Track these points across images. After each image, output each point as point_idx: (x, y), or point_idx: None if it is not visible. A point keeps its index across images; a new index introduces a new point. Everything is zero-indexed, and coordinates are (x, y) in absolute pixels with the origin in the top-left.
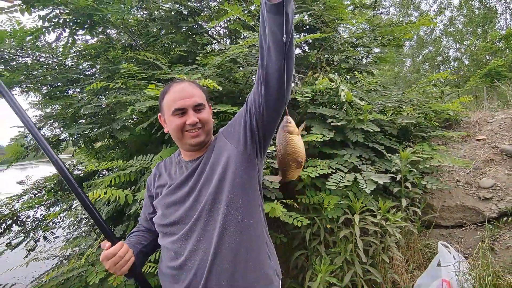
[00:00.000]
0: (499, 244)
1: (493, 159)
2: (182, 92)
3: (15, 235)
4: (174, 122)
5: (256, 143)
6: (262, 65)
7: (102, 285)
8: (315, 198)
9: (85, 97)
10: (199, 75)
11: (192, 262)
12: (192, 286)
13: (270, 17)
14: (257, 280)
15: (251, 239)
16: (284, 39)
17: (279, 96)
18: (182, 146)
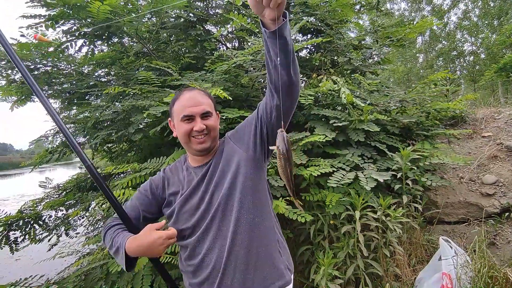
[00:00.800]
0: (500, 239)
1: (498, 155)
2: (191, 100)
3: (39, 232)
4: (182, 127)
5: (264, 148)
6: (271, 81)
7: (121, 275)
8: (319, 196)
9: (103, 104)
10: (209, 84)
11: (209, 259)
12: (210, 280)
13: (270, 41)
14: (268, 274)
15: (262, 236)
16: (279, 61)
17: (289, 106)
18: (189, 151)
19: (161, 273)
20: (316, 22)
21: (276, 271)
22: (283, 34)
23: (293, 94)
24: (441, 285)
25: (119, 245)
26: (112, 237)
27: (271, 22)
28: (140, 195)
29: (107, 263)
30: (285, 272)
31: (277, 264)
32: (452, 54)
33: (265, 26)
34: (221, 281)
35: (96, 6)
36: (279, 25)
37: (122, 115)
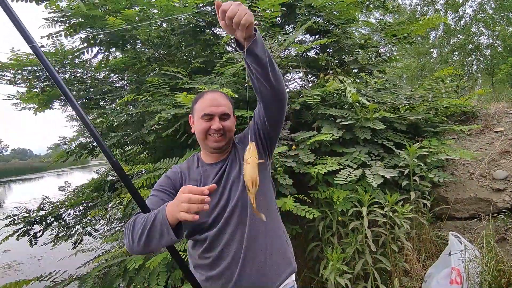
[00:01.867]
0: (511, 233)
1: (510, 150)
2: (213, 101)
3: (58, 230)
4: (201, 125)
5: (265, 149)
6: (256, 90)
7: (138, 272)
8: (326, 193)
9: (117, 108)
10: (217, 85)
11: (228, 250)
12: (230, 270)
13: (246, 57)
14: (281, 262)
15: (274, 228)
16: (254, 77)
17: (277, 111)
18: (205, 148)
19: (181, 268)
20: (323, 22)
21: (286, 260)
22: (254, 51)
23: (279, 100)
24: (450, 280)
25: (158, 211)
26: (145, 218)
27: (243, 41)
28: (159, 192)
29: (125, 260)
30: (292, 260)
31: (286, 253)
32: (467, 47)
33: (239, 44)
34: (241, 271)
35: (112, 20)
36: (248, 45)
37: (136, 118)
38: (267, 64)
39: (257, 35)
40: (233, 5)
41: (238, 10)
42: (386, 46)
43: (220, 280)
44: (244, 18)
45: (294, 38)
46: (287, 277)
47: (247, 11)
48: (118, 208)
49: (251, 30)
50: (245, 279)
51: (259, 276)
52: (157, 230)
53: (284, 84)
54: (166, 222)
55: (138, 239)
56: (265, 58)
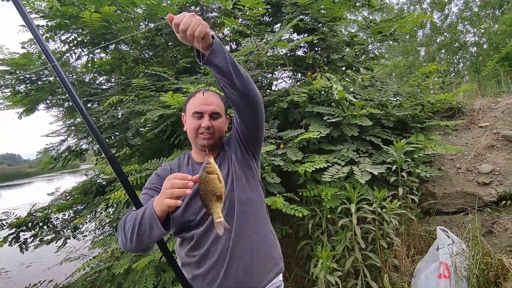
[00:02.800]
0: (498, 227)
1: (494, 145)
2: (204, 99)
3: (46, 234)
4: (191, 122)
5: (248, 151)
6: (226, 96)
7: (127, 276)
8: (315, 191)
9: (103, 109)
10: (204, 84)
11: (215, 248)
12: (216, 269)
13: (209, 67)
14: (268, 262)
15: (260, 227)
16: (221, 84)
17: (251, 114)
18: (195, 145)
19: (174, 271)
20: (310, 21)
21: (273, 259)
22: (213, 62)
23: (250, 105)
24: (438, 274)
25: (146, 207)
26: (134, 215)
27: (203, 50)
28: (149, 190)
29: (112, 265)
30: (279, 261)
31: (273, 253)
32: (454, 45)
33: (200, 55)
34: (227, 270)
35: (87, 15)
36: (206, 57)
37: (122, 119)
38: (231, 71)
39: (215, 44)
40: (185, 17)
41: (191, 22)
42: (373, 44)
43: (206, 279)
44: (198, 30)
45: (281, 36)
46: (274, 277)
47: (200, 22)
48: (107, 211)
49: (208, 41)
50: (231, 278)
51: (245, 275)
52: (147, 225)
53: (254, 86)
54: (154, 215)
55: (130, 237)
56: (226, 67)
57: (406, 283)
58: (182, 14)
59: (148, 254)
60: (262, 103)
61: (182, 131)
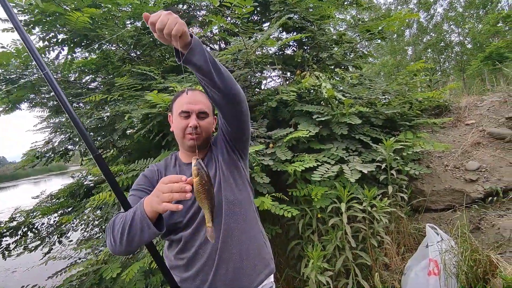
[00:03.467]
0: (485, 223)
1: (480, 142)
2: (191, 98)
3: (31, 241)
4: (179, 122)
5: (235, 151)
6: (209, 96)
7: (115, 280)
8: (305, 191)
9: (87, 111)
10: (191, 83)
11: (203, 250)
12: (205, 271)
13: (188, 67)
14: (258, 263)
15: (249, 228)
16: (202, 83)
17: (234, 113)
18: (182, 146)
19: (163, 274)
20: (298, 19)
21: (263, 261)
22: (192, 61)
23: (233, 104)
24: (428, 271)
25: (135, 208)
26: (123, 217)
27: (182, 49)
28: (137, 192)
29: (101, 268)
30: (270, 262)
31: (263, 254)
32: (439, 45)
33: (178, 54)
34: (216, 272)
35: (75, 16)
36: (184, 57)
37: (107, 121)
38: (211, 69)
39: (193, 43)
40: (162, 16)
41: (167, 21)
42: (361, 42)
43: (195, 282)
44: (175, 29)
45: (269, 34)
46: (265, 278)
47: (177, 21)
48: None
49: (185, 39)
50: (220, 281)
51: (234, 278)
52: (137, 227)
53: (236, 84)
54: (145, 216)
55: (119, 239)
56: (206, 65)
57: (397, 281)
58: (158, 12)
59: (137, 260)
60: (245, 101)
61: (170, 131)
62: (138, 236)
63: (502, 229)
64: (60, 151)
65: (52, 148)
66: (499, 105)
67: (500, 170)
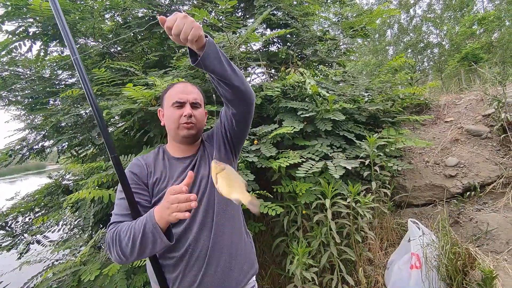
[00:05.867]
0: (463, 217)
1: (459, 139)
2: (185, 88)
3: (3, 238)
4: (172, 113)
5: (231, 149)
6: (221, 95)
7: (94, 282)
8: (290, 187)
9: (65, 107)
10: (171, 77)
11: (192, 249)
12: (193, 271)
13: (202, 67)
14: (246, 263)
15: (237, 228)
16: (215, 82)
17: (246, 112)
18: (176, 138)
19: (157, 275)
20: (282, 16)
21: (249, 261)
22: (206, 63)
23: (246, 103)
24: (410, 265)
25: (144, 220)
26: (130, 229)
27: (197, 51)
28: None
29: (79, 270)
30: (255, 262)
31: (249, 254)
32: (419, 46)
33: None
34: (205, 272)
35: (38, 2)
36: (200, 58)
37: (86, 118)
38: (224, 72)
39: (207, 45)
40: (178, 20)
41: (183, 25)
42: (344, 39)
43: (182, 283)
44: (191, 34)
45: (253, 29)
46: (250, 278)
47: (193, 25)
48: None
49: (200, 43)
50: (209, 282)
51: (223, 279)
52: (149, 239)
53: (248, 84)
54: (158, 229)
55: (130, 252)
56: (220, 67)
57: (380, 276)
58: (174, 16)
59: None
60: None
61: (152, 127)
62: (149, 248)
63: (479, 223)
64: (36, 148)
65: (26, 146)
66: (476, 103)
67: (477, 165)
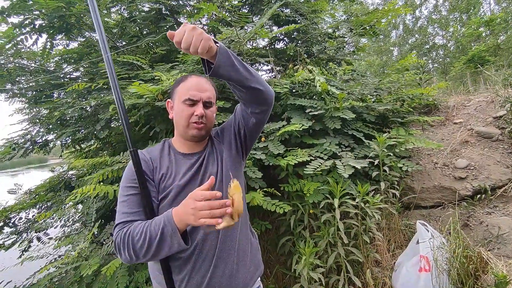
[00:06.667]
0: (473, 220)
1: (469, 140)
2: (198, 85)
3: (8, 237)
4: (183, 111)
5: (243, 148)
6: (239, 97)
7: (96, 277)
8: (297, 186)
9: (69, 100)
10: (177, 71)
11: (199, 250)
12: (200, 272)
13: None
14: (252, 265)
15: (245, 227)
16: (231, 86)
17: (264, 111)
18: (184, 135)
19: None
20: (290, 13)
21: (256, 261)
22: (219, 73)
23: (267, 99)
24: (419, 268)
25: (162, 222)
26: (145, 230)
27: (209, 59)
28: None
29: (80, 265)
30: (261, 263)
31: (256, 255)
32: (424, 47)
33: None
34: (213, 273)
35: None
36: (213, 69)
37: (90, 112)
38: (242, 74)
39: (219, 54)
40: (186, 33)
41: (192, 39)
42: (353, 37)
43: (189, 283)
44: (201, 47)
45: (262, 24)
46: (256, 280)
47: (202, 37)
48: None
49: (212, 52)
50: (216, 282)
51: (230, 280)
52: (167, 243)
53: (267, 84)
54: (178, 233)
55: (144, 253)
56: (235, 73)
57: (387, 278)
58: (182, 29)
59: None
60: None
61: (157, 122)
62: (165, 251)
63: (490, 226)
64: (40, 142)
65: (30, 139)
66: (486, 105)
67: (488, 168)
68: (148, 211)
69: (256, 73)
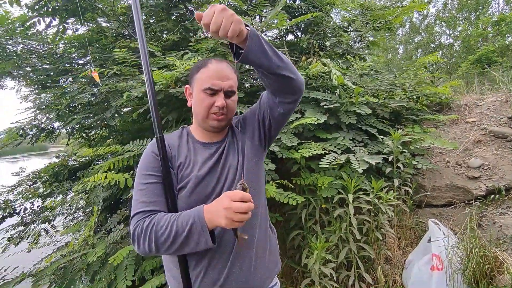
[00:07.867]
0: (486, 220)
1: (482, 140)
2: (221, 73)
3: (14, 227)
4: (202, 100)
5: (266, 138)
6: (267, 86)
7: (103, 265)
8: (310, 180)
9: (78, 87)
10: (189, 55)
11: (217, 245)
12: (217, 269)
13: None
14: (269, 261)
15: (265, 223)
16: (260, 74)
17: (294, 100)
18: (203, 125)
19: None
20: (304, 4)
21: (274, 258)
22: (250, 58)
23: (299, 87)
24: (431, 266)
25: (191, 218)
26: (171, 224)
27: (239, 44)
28: (158, 178)
29: (87, 253)
30: (279, 260)
31: (274, 251)
32: (430, 46)
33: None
34: (230, 270)
35: None
36: (243, 54)
37: (100, 98)
38: (273, 61)
39: (249, 38)
40: (215, 14)
41: (222, 21)
42: (368, 31)
43: (205, 279)
44: (231, 30)
45: (277, 12)
46: (274, 277)
47: (233, 19)
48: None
49: (242, 36)
50: (234, 279)
51: (248, 276)
52: (194, 240)
53: (297, 72)
54: (207, 232)
55: (166, 248)
56: (267, 60)
57: (398, 275)
58: (211, 10)
59: (128, 244)
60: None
61: (168, 111)
62: (191, 248)
63: (503, 227)
64: (47, 129)
65: (36, 125)
66: (500, 105)
67: (502, 168)
68: (170, 201)
69: (287, 60)
